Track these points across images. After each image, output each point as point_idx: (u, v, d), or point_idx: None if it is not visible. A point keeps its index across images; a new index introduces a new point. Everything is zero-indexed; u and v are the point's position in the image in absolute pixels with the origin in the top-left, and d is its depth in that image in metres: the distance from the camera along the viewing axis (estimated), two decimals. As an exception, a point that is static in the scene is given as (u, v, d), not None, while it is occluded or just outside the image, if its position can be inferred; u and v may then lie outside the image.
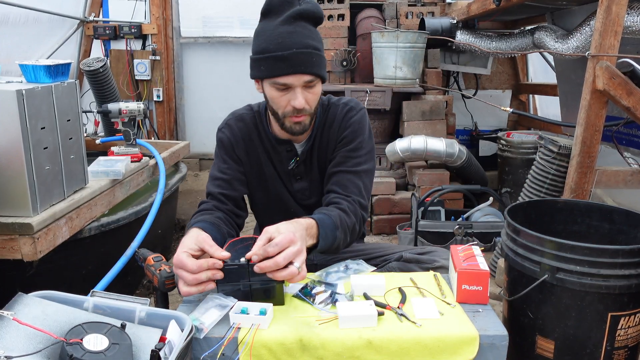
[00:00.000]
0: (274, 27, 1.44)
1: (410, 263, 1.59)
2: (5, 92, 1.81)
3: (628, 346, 1.40)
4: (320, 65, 1.46)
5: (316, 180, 1.65)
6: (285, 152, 1.62)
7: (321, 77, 1.48)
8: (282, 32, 1.43)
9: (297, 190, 1.65)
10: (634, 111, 1.99)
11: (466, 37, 3.70)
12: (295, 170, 1.63)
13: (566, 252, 1.35)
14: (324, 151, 1.62)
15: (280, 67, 1.42)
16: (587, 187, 2.13)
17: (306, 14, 1.44)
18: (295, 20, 1.44)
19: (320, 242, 1.37)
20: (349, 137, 1.58)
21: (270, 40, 1.43)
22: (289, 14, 1.43)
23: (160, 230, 3.02)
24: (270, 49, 1.43)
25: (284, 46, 1.41)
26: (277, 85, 1.45)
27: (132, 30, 4.80)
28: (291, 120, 1.49)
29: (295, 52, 1.41)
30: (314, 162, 1.63)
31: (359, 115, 1.61)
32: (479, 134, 4.51)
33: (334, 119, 1.61)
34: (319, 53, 1.46)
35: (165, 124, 5.09)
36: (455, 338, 1.17)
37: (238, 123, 1.64)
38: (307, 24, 1.46)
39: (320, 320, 1.21)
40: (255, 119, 1.64)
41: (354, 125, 1.59)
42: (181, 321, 1.12)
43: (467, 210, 3.10)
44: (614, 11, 1.95)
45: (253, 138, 1.63)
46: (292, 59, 1.41)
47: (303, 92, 1.45)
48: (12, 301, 1.08)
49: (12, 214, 1.92)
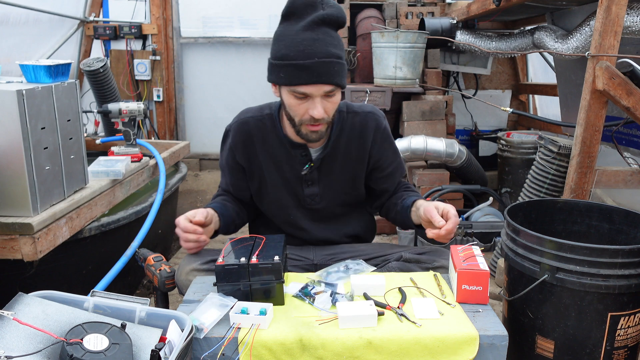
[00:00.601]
0: (296, 33, 1.39)
1: (410, 263, 1.59)
2: (6, 92, 1.81)
3: (628, 346, 1.40)
4: (341, 75, 1.43)
5: (329, 186, 1.64)
6: (300, 156, 1.60)
7: (342, 87, 1.45)
8: (305, 39, 1.38)
9: (308, 195, 1.64)
10: (634, 111, 1.99)
11: (466, 37, 3.71)
12: (307, 176, 1.61)
13: (566, 252, 1.35)
14: (350, 158, 1.62)
15: (301, 76, 1.38)
16: (587, 187, 2.13)
17: (329, 18, 1.40)
18: (318, 25, 1.39)
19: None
20: (389, 151, 1.66)
21: (291, 47, 1.39)
22: (312, 19, 1.38)
23: (161, 230, 3.02)
24: (290, 56, 1.38)
25: (306, 55, 1.37)
26: (296, 93, 1.42)
27: (132, 30, 4.80)
28: (308, 128, 1.47)
29: (317, 61, 1.37)
30: (333, 169, 1.62)
31: (385, 124, 1.66)
32: (479, 134, 4.51)
33: (362, 128, 1.61)
34: (340, 62, 1.42)
35: (165, 124, 5.09)
36: (455, 338, 1.17)
37: (242, 127, 1.62)
38: (329, 30, 1.41)
39: (320, 320, 1.21)
40: (265, 122, 1.61)
41: (387, 140, 1.66)
42: (181, 321, 1.13)
43: (467, 210, 3.10)
44: (613, 11, 1.95)
45: (256, 142, 1.61)
46: (313, 69, 1.37)
47: (322, 102, 1.43)
48: (13, 301, 1.08)
49: (12, 214, 1.92)
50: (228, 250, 1.34)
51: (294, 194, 1.64)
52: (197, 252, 1.59)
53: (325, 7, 1.40)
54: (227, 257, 1.30)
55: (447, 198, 3.28)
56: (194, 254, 1.58)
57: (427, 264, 1.56)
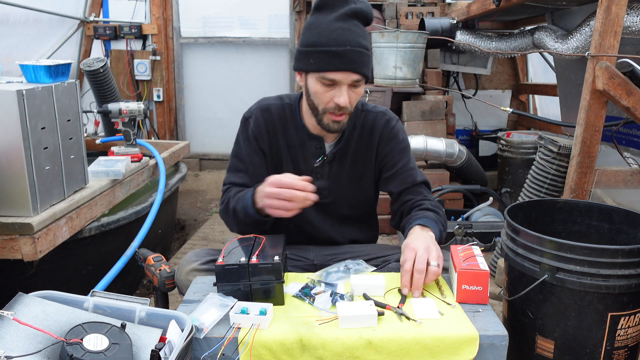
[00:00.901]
0: (328, 22, 1.43)
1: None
2: (6, 92, 1.81)
3: (628, 346, 1.40)
4: (368, 67, 1.46)
5: (338, 181, 1.64)
6: (314, 148, 1.61)
7: (368, 78, 1.48)
8: (337, 28, 1.42)
9: (316, 187, 1.64)
10: (634, 111, 1.99)
11: (466, 37, 3.71)
12: (318, 169, 1.62)
13: (566, 252, 1.35)
14: (358, 156, 1.62)
15: (332, 62, 1.42)
16: (587, 187, 2.13)
17: (360, 12, 1.44)
18: (349, 18, 1.43)
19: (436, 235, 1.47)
20: (397, 151, 1.63)
21: (323, 35, 1.43)
22: (344, 11, 1.43)
23: (161, 230, 3.03)
24: (322, 43, 1.42)
25: (338, 42, 1.41)
26: (325, 80, 1.44)
27: (133, 30, 4.80)
28: (330, 117, 1.49)
29: (350, 49, 1.41)
30: (343, 164, 1.63)
31: (398, 126, 1.65)
32: (479, 134, 4.51)
33: (372, 126, 1.62)
34: (368, 54, 1.46)
35: (165, 124, 5.09)
36: (455, 338, 1.17)
37: (264, 113, 1.62)
38: (359, 23, 1.46)
39: (320, 320, 1.21)
40: (285, 111, 1.62)
41: (396, 138, 1.63)
42: (181, 321, 1.13)
43: (467, 210, 3.10)
44: (613, 11, 1.95)
45: (277, 130, 1.62)
46: (345, 56, 1.41)
47: (348, 91, 1.45)
48: (12, 301, 1.08)
49: (12, 214, 1.92)
50: (228, 250, 1.34)
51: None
52: (197, 252, 1.59)
53: (357, 2, 1.45)
54: (227, 257, 1.29)
55: (447, 198, 3.28)
56: (194, 254, 1.58)
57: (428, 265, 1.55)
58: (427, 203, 1.58)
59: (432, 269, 1.32)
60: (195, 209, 4.31)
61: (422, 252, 1.34)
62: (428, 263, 1.32)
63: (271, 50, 5.11)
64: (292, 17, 5.04)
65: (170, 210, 3.39)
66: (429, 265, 1.32)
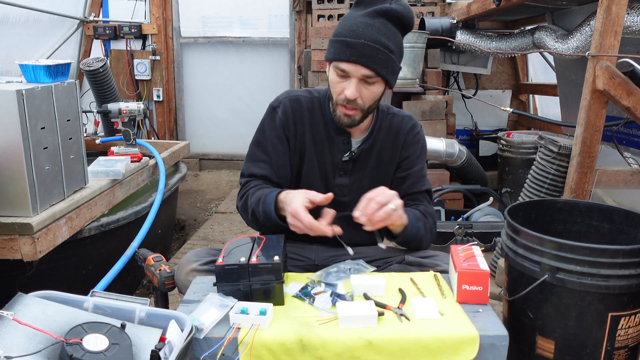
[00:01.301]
0: (356, 17, 1.45)
1: (412, 266, 1.58)
2: (5, 92, 1.81)
3: (628, 346, 1.40)
4: (384, 65, 1.44)
5: (360, 179, 1.63)
6: (342, 144, 1.60)
7: (383, 78, 1.46)
8: (360, 22, 1.43)
9: (337, 185, 1.63)
10: (634, 111, 1.99)
11: (466, 37, 3.71)
12: (343, 165, 1.61)
13: (566, 252, 1.35)
14: (382, 156, 1.63)
15: (344, 52, 1.43)
16: (587, 187, 2.13)
17: (392, 12, 1.44)
18: (378, 15, 1.44)
19: (408, 226, 1.50)
20: (415, 157, 1.64)
21: (346, 27, 1.45)
22: (375, 9, 1.44)
23: (160, 230, 3.02)
24: (342, 34, 1.44)
25: (355, 34, 1.42)
26: (338, 69, 1.46)
27: (132, 30, 4.80)
28: (342, 109, 1.49)
29: (363, 43, 1.41)
30: (367, 163, 1.63)
31: (422, 133, 1.67)
32: (479, 134, 4.51)
33: (398, 130, 1.63)
34: (387, 53, 1.44)
35: (165, 124, 5.09)
36: (455, 338, 1.16)
37: (293, 103, 1.62)
38: (389, 23, 1.45)
39: (321, 321, 1.21)
40: (314, 104, 1.62)
41: (418, 144, 1.65)
42: (181, 321, 1.12)
43: (467, 210, 3.09)
44: (614, 11, 1.95)
45: (305, 121, 1.61)
46: (357, 48, 1.41)
47: (359, 85, 1.45)
48: (12, 301, 1.08)
49: (12, 214, 1.92)
50: (228, 250, 1.33)
51: (325, 182, 1.63)
52: (197, 252, 1.59)
53: (392, 3, 1.45)
54: (227, 257, 1.29)
55: (447, 198, 3.28)
56: (194, 254, 1.58)
57: (430, 268, 1.55)
58: (421, 207, 1.61)
59: (387, 207, 1.36)
60: (195, 209, 4.31)
61: (389, 193, 1.39)
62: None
63: (271, 50, 5.11)
64: (292, 17, 5.04)
65: (170, 210, 3.39)
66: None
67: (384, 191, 1.39)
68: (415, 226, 1.53)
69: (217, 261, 1.28)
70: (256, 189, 1.56)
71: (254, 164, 1.61)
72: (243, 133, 4.75)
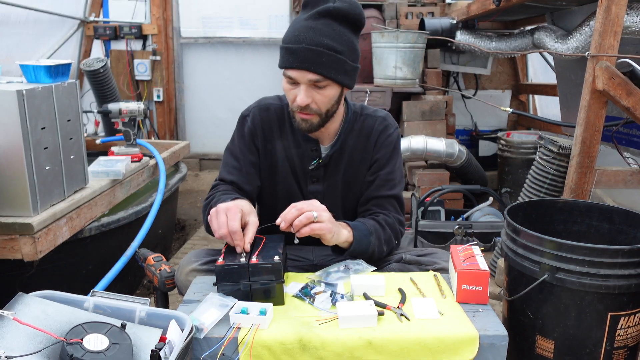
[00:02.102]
0: (300, 21, 1.43)
1: (411, 265, 1.58)
2: (6, 92, 1.81)
3: (628, 346, 1.40)
4: (331, 67, 1.40)
5: (334, 185, 1.62)
6: (310, 151, 1.59)
7: (333, 80, 1.42)
8: (302, 27, 1.41)
9: (311, 192, 1.62)
10: (634, 111, 1.99)
11: (466, 38, 3.71)
12: (314, 172, 1.60)
13: (566, 252, 1.35)
14: (353, 160, 1.60)
15: (288, 59, 1.41)
16: (587, 187, 2.13)
17: (336, 12, 1.40)
18: (321, 17, 1.40)
19: (354, 244, 1.44)
20: (385, 160, 1.59)
21: (290, 32, 1.43)
22: (318, 10, 1.41)
23: (161, 230, 3.03)
24: (286, 40, 1.43)
25: (297, 39, 1.39)
26: (287, 77, 1.45)
27: (133, 30, 4.80)
28: (299, 115, 1.47)
29: (304, 47, 1.38)
30: (339, 168, 1.61)
31: (395, 134, 1.62)
32: (479, 134, 4.51)
33: (369, 132, 1.59)
34: (333, 54, 1.39)
35: (165, 124, 5.09)
36: (455, 338, 1.17)
37: (262, 112, 1.61)
38: (333, 23, 1.40)
39: (320, 320, 1.21)
40: (284, 111, 1.61)
41: (389, 146, 1.60)
42: (181, 321, 1.13)
43: (467, 210, 3.09)
44: (613, 11, 1.95)
45: (274, 130, 1.60)
46: (299, 54, 1.39)
47: (309, 90, 1.42)
48: (13, 301, 1.08)
49: (12, 214, 1.92)
50: (228, 250, 1.34)
51: (299, 189, 1.63)
52: (197, 252, 1.59)
53: (336, 1, 1.41)
54: (227, 257, 1.29)
55: (447, 198, 3.28)
56: (194, 254, 1.58)
57: (428, 266, 1.55)
58: (381, 217, 1.55)
59: (309, 213, 1.33)
60: (195, 209, 4.31)
61: (316, 205, 1.36)
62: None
63: (271, 51, 5.10)
64: (292, 18, 5.04)
65: (170, 210, 3.39)
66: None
67: (312, 203, 1.37)
68: (364, 241, 1.46)
69: (217, 261, 1.28)
70: (222, 193, 1.54)
71: (225, 169, 1.63)
72: (243, 133, 4.74)
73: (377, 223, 1.53)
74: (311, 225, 1.33)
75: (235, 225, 1.31)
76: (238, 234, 1.30)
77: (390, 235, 1.55)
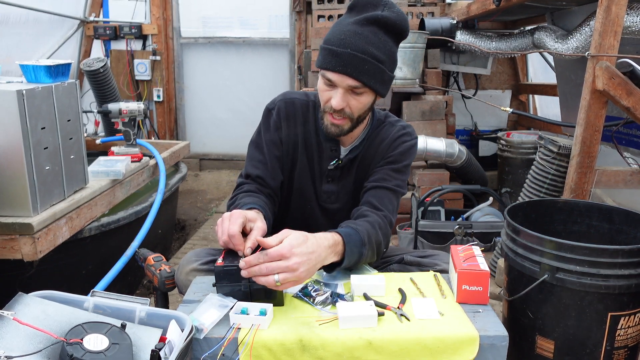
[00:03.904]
0: (347, 24, 1.42)
1: (412, 266, 1.58)
2: (6, 92, 1.81)
3: (628, 346, 1.40)
4: (372, 75, 1.40)
5: (347, 188, 1.62)
6: (330, 150, 1.59)
7: (371, 88, 1.42)
8: (348, 30, 1.40)
9: (325, 191, 1.62)
10: (634, 111, 1.99)
11: (466, 38, 3.71)
12: (331, 172, 1.60)
13: (566, 252, 1.35)
14: (366, 164, 1.60)
15: (331, 61, 1.40)
16: (587, 187, 2.13)
17: (383, 20, 1.39)
18: (368, 23, 1.39)
19: (345, 260, 1.35)
20: (396, 157, 1.58)
21: (336, 34, 1.42)
22: (366, 16, 1.39)
23: (161, 230, 3.03)
24: (330, 42, 1.41)
25: (343, 43, 1.38)
26: (325, 78, 1.44)
27: (133, 30, 4.80)
28: (329, 118, 1.47)
29: (350, 53, 1.37)
30: (352, 171, 1.61)
31: (412, 142, 1.61)
32: (479, 134, 4.51)
33: (387, 137, 1.59)
34: (375, 63, 1.39)
35: (165, 124, 5.09)
36: (455, 338, 1.17)
37: (288, 105, 1.61)
38: (379, 32, 1.40)
39: (321, 321, 1.21)
40: (309, 107, 1.61)
41: (404, 149, 1.59)
42: (181, 321, 1.13)
43: (467, 210, 3.09)
44: (613, 11, 1.95)
45: (298, 125, 1.60)
46: (343, 58, 1.38)
47: (345, 95, 1.42)
48: (13, 301, 1.08)
49: (12, 214, 1.92)
50: (228, 251, 1.33)
51: (314, 187, 1.63)
52: (197, 252, 1.59)
53: (384, 10, 1.40)
54: (227, 258, 1.29)
55: (447, 198, 3.28)
56: (194, 254, 1.58)
57: (429, 267, 1.55)
58: (372, 218, 1.46)
59: (269, 278, 1.17)
60: (195, 209, 4.31)
61: (296, 260, 1.19)
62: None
63: (271, 51, 5.11)
64: (292, 17, 5.04)
65: (170, 210, 3.39)
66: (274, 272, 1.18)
67: (291, 248, 1.19)
68: (354, 255, 1.37)
69: (217, 262, 1.28)
70: (244, 194, 1.52)
71: (250, 163, 1.61)
72: (243, 133, 4.75)
73: (371, 227, 1.44)
74: (271, 284, 1.19)
75: (234, 229, 1.27)
76: (236, 237, 1.27)
77: (381, 240, 1.48)
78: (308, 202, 1.64)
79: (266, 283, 1.18)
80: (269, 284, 1.19)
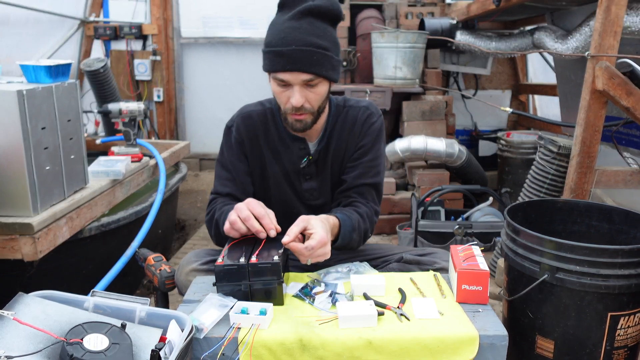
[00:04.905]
0: (283, 22, 1.43)
1: (411, 264, 1.58)
2: (6, 93, 1.81)
3: (628, 346, 1.40)
4: (322, 65, 1.42)
5: (326, 180, 1.63)
6: (298, 149, 1.60)
7: (325, 77, 1.44)
8: (287, 28, 1.41)
9: (306, 189, 1.63)
10: (634, 111, 1.99)
11: (466, 38, 3.71)
12: (305, 170, 1.61)
13: (566, 252, 1.35)
14: (339, 153, 1.61)
15: (279, 62, 1.41)
16: (587, 187, 2.13)
17: (317, 9, 1.41)
18: (303, 16, 1.41)
19: (339, 241, 1.47)
20: (368, 146, 1.59)
21: (275, 34, 1.42)
22: (298, 10, 1.41)
23: (161, 230, 3.03)
24: (272, 43, 1.42)
25: (285, 42, 1.39)
26: (278, 80, 1.44)
27: (133, 30, 4.80)
28: (292, 117, 1.48)
29: (295, 49, 1.38)
30: (327, 163, 1.61)
31: (379, 122, 1.62)
32: (479, 134, 4.51)
33: (354, 122, 1.60)
34: (322, 52, 1.41)
35: (165, 124, 5.09)
36: (455, 338, 1.17)
37: (246, 120, 1.62)
38: (316, 21, 1.42)
39: (320, 320, 1.21)
40: (267, 116, 1.62)
41: (373, 134, 1.60)
42: (181, 321, 1.13)
43: (467, 210, 3.10)
44: (613, 11, 1.95)
45: (260, 136, 1.61)
46: (290, 56, 1.39)
47: (302, 91, 1.43)
48: (13, 301, 1.08)
49: (12, 214, 1.92)
50: (228, 250, 1.34)
51: (294, 189, 1.63)
52: (197, 252, 1.59)
53: None
54: (227, 257, 1.30)
55: (447, 198, 3.28)
56: (194, 254, 1.58)
57: (428, 266, 1.56)
58: (362, 209, 1.56)
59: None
60: (195, 209, 4.31)
61: (313, 221, 1.35)
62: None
63: (271, 51, 5.11)
64: (292, 17, 5.03)
65: (171, 210, 3.39)
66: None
67: (319, 241, 1.31)
68: (346, 239, 1.49)
69: (217, 261, 1.28)
70: (222, 204, 1.56)
71: (219, 181, 1.64)
72: (243, 133, 4.74)
73: (360, 217, 1.53)
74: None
75: (262, 211, 1.35)
76: (266, 217, 1.35)
77: (368, 229, 1.57)
78: (292, 206, 1.65)
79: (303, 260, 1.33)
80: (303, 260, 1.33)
